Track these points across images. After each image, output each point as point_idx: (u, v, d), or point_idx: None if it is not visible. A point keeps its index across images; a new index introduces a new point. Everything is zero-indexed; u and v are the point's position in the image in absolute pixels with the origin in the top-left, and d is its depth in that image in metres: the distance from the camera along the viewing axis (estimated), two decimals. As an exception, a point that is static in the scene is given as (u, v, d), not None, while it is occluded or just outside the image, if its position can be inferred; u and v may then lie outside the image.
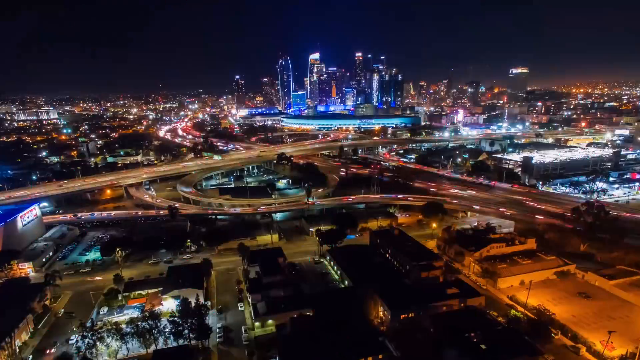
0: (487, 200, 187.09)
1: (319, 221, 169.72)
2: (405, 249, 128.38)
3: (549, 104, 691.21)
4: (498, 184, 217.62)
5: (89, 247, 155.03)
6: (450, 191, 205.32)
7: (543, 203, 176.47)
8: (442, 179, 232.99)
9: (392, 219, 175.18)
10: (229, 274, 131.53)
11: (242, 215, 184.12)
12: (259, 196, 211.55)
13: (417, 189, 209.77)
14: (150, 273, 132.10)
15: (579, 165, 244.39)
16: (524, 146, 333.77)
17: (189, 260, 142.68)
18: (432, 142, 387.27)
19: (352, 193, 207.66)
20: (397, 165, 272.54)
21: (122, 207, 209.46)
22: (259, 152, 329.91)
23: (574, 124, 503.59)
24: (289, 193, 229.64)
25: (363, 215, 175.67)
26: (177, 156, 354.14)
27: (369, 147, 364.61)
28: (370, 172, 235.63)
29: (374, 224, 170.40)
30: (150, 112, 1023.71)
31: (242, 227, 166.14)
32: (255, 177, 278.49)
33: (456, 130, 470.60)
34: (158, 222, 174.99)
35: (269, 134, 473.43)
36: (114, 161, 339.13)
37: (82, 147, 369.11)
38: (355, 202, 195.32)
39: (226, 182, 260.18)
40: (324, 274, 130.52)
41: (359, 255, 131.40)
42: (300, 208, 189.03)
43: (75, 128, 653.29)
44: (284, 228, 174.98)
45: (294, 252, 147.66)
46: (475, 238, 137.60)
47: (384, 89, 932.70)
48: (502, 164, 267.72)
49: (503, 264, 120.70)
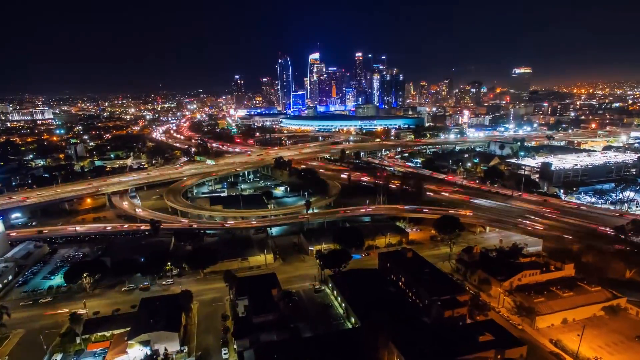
0: (507, 212, 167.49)
1: (319, 237, 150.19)
2: (422, 277, 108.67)
3: (555, 105, 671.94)
4: (516, 192, 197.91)
5: (56, 269, 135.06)
6: (461, 198, 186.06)
7: (571, 217, 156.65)
8: (453, 187, 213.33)
9: (402, 235, 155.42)
10: (215, 306, 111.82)
11: (234, 230, 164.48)
12: (254, 206, 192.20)
13: (427, 199, 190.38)
14: (122, 304, 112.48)
15: (601, 172, 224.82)
16: (536, 149, 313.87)
17: (169, 287, 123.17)
18: (438, 145, 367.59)
19: (356, 203, 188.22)
20: (404, 171, 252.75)
21: (103, 218, 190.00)
22: (255, 155, 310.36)
23: (583, 125, 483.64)
24: (286, 202, 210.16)
25: (369, 230, 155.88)
26: (169, 159, 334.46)
27: (372, 150, 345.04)
28: (376, 180, 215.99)
29: (382, 241, 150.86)
30: (147, 113, 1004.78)
31: (232, 245, 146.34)
32: (250, 184, 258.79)
33: (462, 132, 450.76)
34: (138, 238, 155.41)
35: (267, 136, 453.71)
36: (102, 165, 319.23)
37: (69, 149, 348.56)
38: (359, 215, 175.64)
39: (219, 190, 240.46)
40: (325, 306, 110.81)
41: (366, 283, 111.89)
42: (298, 221, 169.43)
43: (69, 129, 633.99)
44: (280, 245, 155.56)
45: (291, 277, 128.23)
46: (502, 262, 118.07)
47: (385, 89, 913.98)
48: (517, 169, 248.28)
49: (540, 297, 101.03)
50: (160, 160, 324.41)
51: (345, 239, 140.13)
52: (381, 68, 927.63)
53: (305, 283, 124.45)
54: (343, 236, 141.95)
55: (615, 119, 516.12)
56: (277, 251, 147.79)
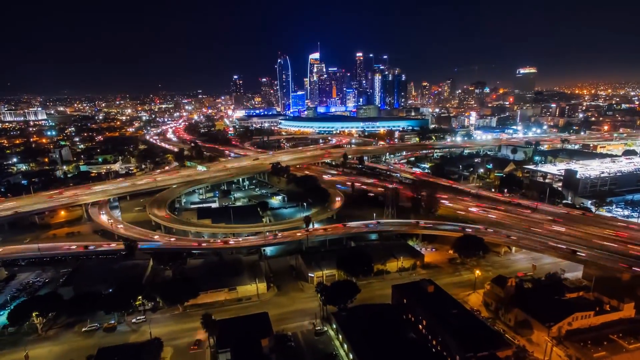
0: (533, 227, 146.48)
1: (320, 261, 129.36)
2: (449, 319, 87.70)
3: (563, 105, 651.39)
4: (538, 203, 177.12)
5: (9, 301, 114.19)
6: (479, 212, 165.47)
7: (611, 234, 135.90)
8: (468, 196, 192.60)
9: (416, 257, 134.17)
10: (194, 355, 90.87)
11: (223, 250, 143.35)
12: (247, 219, 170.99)
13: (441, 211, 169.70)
14: (77, 351, 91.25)
15: (631, 180, 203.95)
16: (552, 153, 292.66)
17: (139, 326, 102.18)
18: (445, 149, 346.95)
19: (361, 216, 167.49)
20: (413, 179, 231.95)
21: (77, 233, 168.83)
22: (251, 160, 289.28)
23: (594, 127, 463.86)
24: (283, 214, 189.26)
25: (378, 251, 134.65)
26: (160, 164, 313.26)
27: (376, 154, 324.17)
28: (384, 191, 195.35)
29: (393, 265, 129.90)
30: (144, 114, 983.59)
31: (219, 270, 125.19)
32: (245, 192, 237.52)
33: (469, 135, 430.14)
34: (110, 261, 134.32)
35: (265, 138, 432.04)
36: (88, 170, 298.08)
37: (54, 153, 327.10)
38: (366, 232, 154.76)
39: (210, 199, 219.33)
40: (329, 356, 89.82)
41: (378, 325, 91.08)
42: (297, 239, 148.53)
43: (62, 130, 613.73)
44: (275, 268, 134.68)
45: (287, 312, 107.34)
46: (545, 298, 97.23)
47: (387, 89, 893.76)
48: (536, 176, 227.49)
49: (600, 350, 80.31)
50: (150, 165, 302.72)
51: (351, 264, 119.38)
52: (382, 68, 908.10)
53: (304, 321, 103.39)
54: (348, 260, 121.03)
55: (627, 120, 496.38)
56: (272, 277, 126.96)
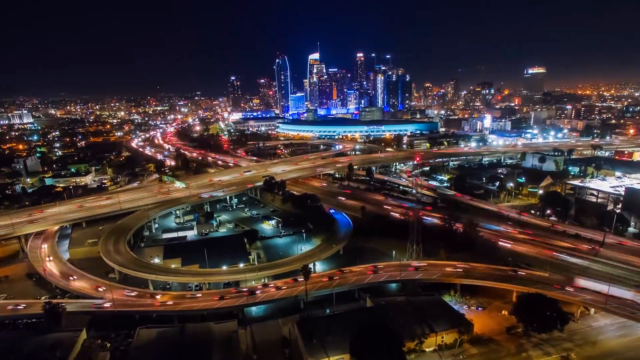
0: (614, 273, 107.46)
1: (324, 336, 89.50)
2: None
3: (579, 107, 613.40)
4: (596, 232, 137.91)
5: None
6: (521, 248, 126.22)
7: None
8: (501, 219, 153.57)
9: (461, 326, 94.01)
10: None
11: (190, 314, 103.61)
12: (229, 256, 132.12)
13: (480, 245, 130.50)
14: None
15: None
16: (587, 162, 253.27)
17: None
18: (462, 157, 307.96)
19: (376, 252, 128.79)
20: (435, 196, 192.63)
21: (5, 279, 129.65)
22: (242, 172, 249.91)
23: (618, 130, 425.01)
24: (277, 246, 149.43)
25: (405, 315, 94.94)
26: (138, 175, 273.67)
27: (385, 163, 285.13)
28: (403, 215, 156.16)
29: (430, 341, 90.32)
30: (137, 116, 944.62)
31: (178, 350, 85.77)
32: (232, 213, 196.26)
33: (484, 140, 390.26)
34: (23, 334, 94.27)
35: (261, 144, 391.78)
36: (53, 184, 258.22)
37: (17, 163, 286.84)
38: (384, 281, 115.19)
39: (188, 222, 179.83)
40: None
41: None
42: (292, 294, 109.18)
43: (45, 134, 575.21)
44: (260, 342, 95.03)
45: None
46: None
47: (391, 90, 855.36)
48: (584, 194, 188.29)
49: None
50: (124, 178, 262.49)
51: (370, 349, 79.97)
52: (384, 68, 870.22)
53: None
54: (366, 341, 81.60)
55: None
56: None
